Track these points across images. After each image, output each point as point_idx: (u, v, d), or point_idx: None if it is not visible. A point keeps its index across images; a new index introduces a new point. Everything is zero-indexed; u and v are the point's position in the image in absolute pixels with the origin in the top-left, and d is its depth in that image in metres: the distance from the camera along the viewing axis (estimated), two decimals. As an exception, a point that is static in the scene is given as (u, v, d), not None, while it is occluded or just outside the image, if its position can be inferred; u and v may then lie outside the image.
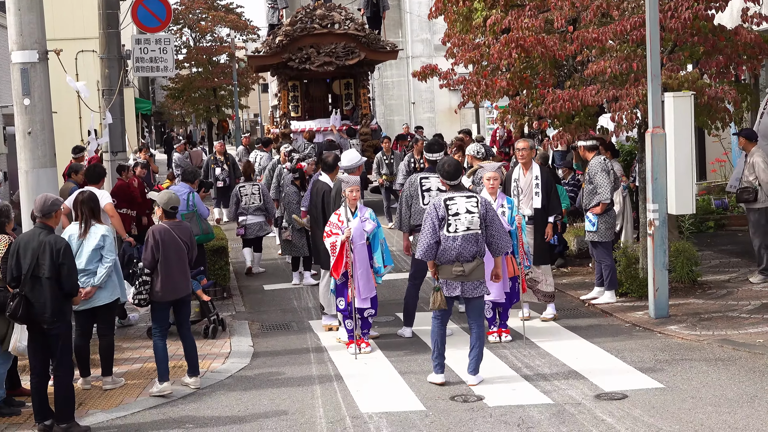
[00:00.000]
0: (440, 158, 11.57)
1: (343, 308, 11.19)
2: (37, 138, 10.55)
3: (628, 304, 12.78)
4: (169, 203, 10.09)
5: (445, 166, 9.86)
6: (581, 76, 13.22)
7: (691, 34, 12.46)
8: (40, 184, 10.46)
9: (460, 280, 9.49)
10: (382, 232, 11.32)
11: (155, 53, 16.72)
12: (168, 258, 9.81)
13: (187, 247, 10.03)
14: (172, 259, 9.85)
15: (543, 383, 9.60)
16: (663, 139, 11.87)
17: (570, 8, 12.99)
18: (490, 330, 11.41)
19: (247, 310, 13.89)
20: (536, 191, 12.28)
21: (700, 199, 18.61)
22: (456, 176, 9.76)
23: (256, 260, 16.96)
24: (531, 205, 12.28)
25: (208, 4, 38.56)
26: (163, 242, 9.82)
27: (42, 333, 8.69)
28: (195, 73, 38.21)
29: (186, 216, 13.39)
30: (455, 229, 9.46)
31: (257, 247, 16.97)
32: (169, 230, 9.91)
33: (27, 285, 8.61)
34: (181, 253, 9.94)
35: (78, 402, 9.36)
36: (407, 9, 43.59)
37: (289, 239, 14.83)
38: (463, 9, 15.07)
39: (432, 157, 11.85)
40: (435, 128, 39.62)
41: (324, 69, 24.29)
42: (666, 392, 9.11)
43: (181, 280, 9.95)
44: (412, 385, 9.76)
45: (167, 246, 9.83)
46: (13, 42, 10.55)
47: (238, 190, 16.84)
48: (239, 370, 10.69)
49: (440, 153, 11.83)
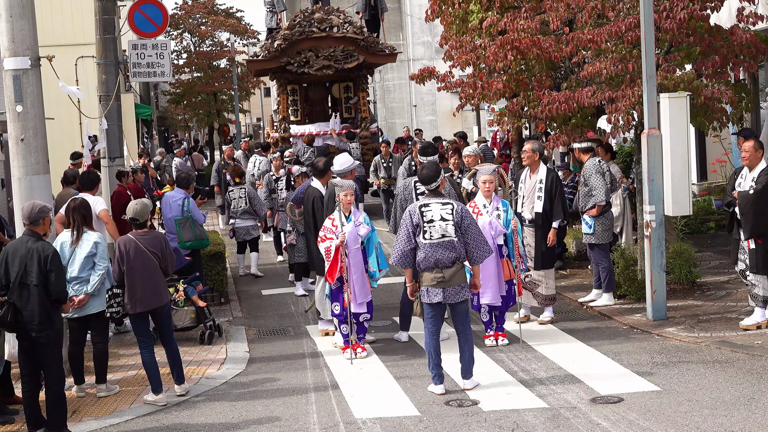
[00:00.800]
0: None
1: (339, 313, 11.14)
2: (30, 145, 10.50)
3: (627, 306, 12.72)
4: (129, 213, 9.96)
5: (423, 171, 9.78)
6: (577, 78, 13.16)
7: (687, 35, 12.40)
8: (33, 191, 10.41)
9: (441, 287, 9.40)
10: (377, 236, 11.27)
11: (152, 58, 16.67)
12: (133, 269, 9.67)
13: (157, 258, 9.76)
14: (138, 271, 9.66)
15: (539, 387, 9.54)
16: (659, 140, 11.81)
17: (565, 9, 12.94)
18: (487, 333, 11.36)
19: (244, 316, 13.85)
20: (539, 195, 12.21)
21: (701, 199, 18.55)
22: (432, 181, 9.66)
23: (254, 261, 17.12)
24: (532, 209, 12.21)
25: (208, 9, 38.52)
26: (127, 254, 9.67)
27: (31, 340, 8.65)
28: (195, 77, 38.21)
29: (179, 222, 13.35)
30: (430, 236, 9.39)
31: (253, 248, 17.14)
32: (135, 241, 9.73)
33: (15, 292, 8.58)
34: (148, 263, 9.70)
35: (71, 410, 9.34)
36: (408, 12, 43.59)
37: (293, 243, 14.76)
38: (459, 11, 15.01)
39: (426, 161, 11.78)
40: (436, 131, 39.62)
41: (323, 72, 24.27)
42: (662, 395, 9.05)
43: (149, 291, 9.74)
44: (407, 390, 9.71)
45: (132, 257, 9.66)
46: (5, 48, 10.51)
47: (227, 194, 17.03)
48: (234, 377, 10.65)
49: (434, 156, 11.76)
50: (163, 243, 9.92)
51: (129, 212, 9.93)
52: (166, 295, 9.98)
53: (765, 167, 10.86)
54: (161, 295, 9.86)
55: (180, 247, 13.30)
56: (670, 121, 11.78)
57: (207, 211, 28.27)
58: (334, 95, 26.67)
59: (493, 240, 11.02)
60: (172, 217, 13.54)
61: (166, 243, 9.98)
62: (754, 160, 10.96)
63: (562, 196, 12.28)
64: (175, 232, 13.42)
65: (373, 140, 25.28)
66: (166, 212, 13.65)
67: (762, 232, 10.78)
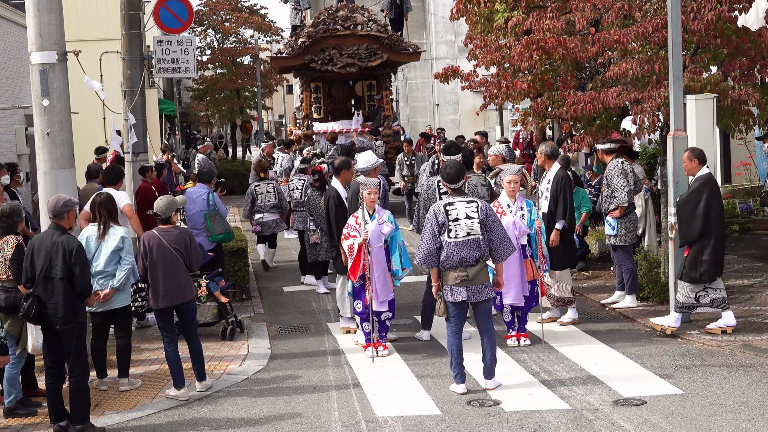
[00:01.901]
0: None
1: (361, 311, 11.14)
2: (56, 139, 10.53)
3: (650, 308, 12.66)
4: (154, 208, 10.01)
5: (446, 169, 9.74)
6: (603, 78, 13.11)
7: (714, 36, 12.32)
8: (58, 185, 10.43)
9: (464, 285, 9.38)
10: (401, 234, 11.25)
11: (177, 54, 16.70)
12: (156, 265, 9.71)
13: (180, 255, 9.76)
14: (160, 267, 9.70)
15: (561, 388, 9.51)
16: (685, 141, 11.74)
17: (592, 10, 12.89)
18: (509, 334, 11.33)
19: (265, 312, 13.86)
20: (546, 195, 12.18)
21: (725, 202, 18.44)
22: (457, 180, 9.64)
23: (270, 256, 17.51)
24: (539, 209, 12.17)
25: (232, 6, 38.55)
26: (150, 249, 9.73)
27: (55, 333, 8.70)
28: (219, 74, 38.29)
29: (209, 215, 13.38)
30: (455, 235, 9.37)
31: (272, 243, 17.40)
32: (158, 237, 9.77)
33: (40, 285, 8.62)
34: (171, 260, 9.71)
35: (94, 403, 9.37)
36: (431, 10, 43.53)
37: (318, 242, 14.76)
38: (485, 10, 14.96)
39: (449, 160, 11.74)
40: (459, 130, 39.54)
41: (346, 70, 24.27)
42: (685, 398, 9.00)
43: (171, 288, 9.75)
44: (428, 389, 9.69)
45: (155, 253, 9.70)
46: (33, 43, 10.54)
47: (253, 189, 17.05)
48: (256, 373, 10.66)
49: (457, 155, 11.72)
50: (187, 239, 9.91)
51: (154, 207, 9.99)
52: (190, 292, 9.96)
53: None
54: (185, 292, 9.85)
55: (211, 241, 13.34)
56: (696, 123, 11.72)
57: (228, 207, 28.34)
58: (357, 93, 26.66)
59: (517, 240, 10.99)
60: (197, 212, 13.55)
61: (191, 239, 9.98)
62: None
63: (566, 198, 12.10)
64: (199, 227, 13.43)
65: (396, 138, 25.27)
66: (190, 208, 13.65)
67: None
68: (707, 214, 11.08)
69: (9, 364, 9.31)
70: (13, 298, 9.07)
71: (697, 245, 11.10)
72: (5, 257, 9.16)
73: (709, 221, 11.10)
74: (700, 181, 11.22)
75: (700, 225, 11.08)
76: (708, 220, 11.09)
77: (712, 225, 11.12)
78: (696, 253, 11.11)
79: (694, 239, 11.11)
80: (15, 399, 9.29)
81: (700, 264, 11.09)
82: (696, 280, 11.14)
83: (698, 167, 11.25)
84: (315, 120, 25.41)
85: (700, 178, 11.23)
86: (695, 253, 11.11)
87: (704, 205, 11.07)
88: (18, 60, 20.46)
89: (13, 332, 9.27)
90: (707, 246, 11.09)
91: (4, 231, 9.28)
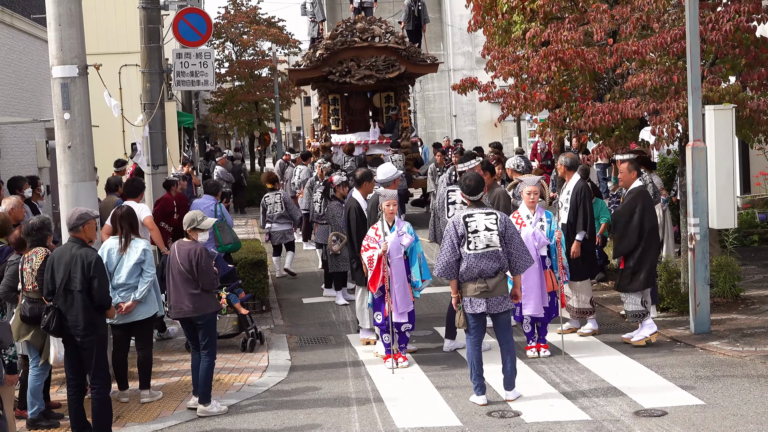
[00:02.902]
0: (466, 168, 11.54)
1: (381, 322, 11.15)
2: (77, 152, 10.61)
3: (669, 319, 12.64)
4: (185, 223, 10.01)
5: (466, 181, 9.73)
6: (621, 89, 13.11)
7: (733, 47, 12.32)
8: (79, 198, 10.51)
9: (484, 297, 9.39)
10: (420, 245, 11.27)
11: (196, 67, 16.81)
12: (168, 276, 9.83)
13: (185, 269, 9.64)
14: (170, 278, 9.79)
15: (581, 399, 9.50)
16: (704, 152, 11.74)
17: (609, 21, 12.90)
18: (529, 345, 11.32)
19: (285, 324, 13.89)
20: (565, 206, 12.18)
21: (744, 212, 18.40)
22: (477, 192, 9.64)
23: (288, 259, 17.81)
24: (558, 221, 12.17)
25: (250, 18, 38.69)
26: (168, 259, 9.94)
27: (75, 345, 8.75)
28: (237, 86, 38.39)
29: (218, 225, 13.36)
30: (475, 246, 9.38)
31: (289, 247, 17.78)
32: (174, 248, 9.86)
33: (60, 298, 8.68)
34: (178, 273, 9.67)
35: (116, 415, 9.41)
36: (448, 22, 43.61)
37: (338, 253, 14.80)
38: (502, 22, 15.00)
39: (463, 168, 11.75)
40: (476, 141, 39.56)
41: (364, 82, 24.31)
42: (707, 409, 8.98)
43: (178, 300, 9.72)
44: (449, 400, 9.70)
45: (171, 264, 9.81)
46: (54, 57, 10.62)
47: (263, 200, 17.55)
48: (276, 384, 10.69)
49: (470, 162, 11.67)
50: (191, 256, 9.65)
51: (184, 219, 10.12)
52: (202, 308, 9.71)
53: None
54: (195, 307, 9.67)
55: (220, 250, 13.37)
56: (716, 134, 11.72)
57: (247, 220, 28.43)
58: (375, 105, 26.71)
59: (537, 251, 10.99)
60: None
61: (200, 257, 9.68)
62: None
63: (585, 208, 12.11)
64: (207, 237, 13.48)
65: (414, 150, 25.29)
66: None
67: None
68: (641, 226, 11.48)
69: (32, 375, 9.38)
70: (38, 309, 9.14)
71: (633, 256, 11.47)
72: (33, 268, 9.24)
73: (643, 232, 11.48)
74: (633, 193, 11.64)
75: (636, 236, 11.45)
76: (642, 232, 11.48)
77: (646, 236, 11.49)
78: (632, 264, 11.45)
79: (630, 250, 11.44)
80: (38, 411, 9.35)
81: (637, 274, 11.43)
82: (634, 290, 11.50)
83: (633, 179, 11.70)
84: (333, 132, 25.47)
85: (633, 191, 11.65)
86: (632, 264, 11.46)
87: (638, 216, 11.48)
88: (38, 74, 20.62)
89: (36, 343, 9.34)
90: (643, 257, 11.49)
91: (34, 244, 9.36)
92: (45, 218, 9.69)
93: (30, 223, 9.44)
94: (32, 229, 9.37)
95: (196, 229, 9.74)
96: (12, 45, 19.13)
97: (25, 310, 9.28)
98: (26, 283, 9.27)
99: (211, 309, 9.84)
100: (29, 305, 9.26)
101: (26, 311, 9.27)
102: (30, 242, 9.40)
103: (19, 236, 9.60)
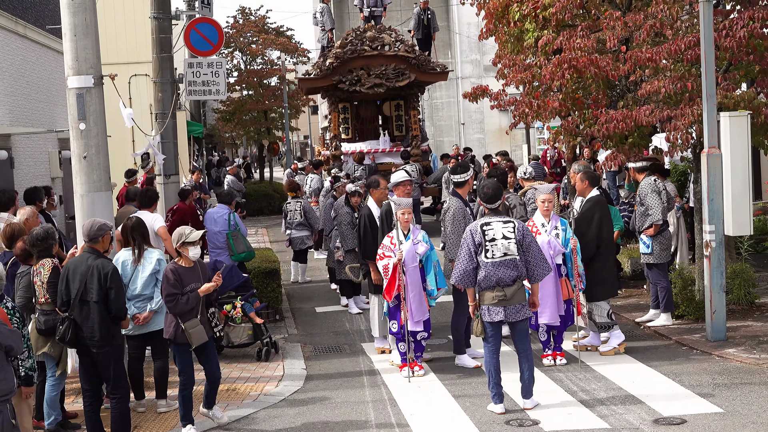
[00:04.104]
0: (461, 179, 11.49)
1: (396, 331, 11.13)
2: (93, 162, 10.62)
3: (685, 326, 12.60)
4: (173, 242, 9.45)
5: (484, 189, 9.74)
6: (634, 96, 13.10)
7: (747, 53, 12.30)
8: (95, 208, 10.52)
9: (502, 305, 9.39)
10: (436, 254, 11.25)
11: (207, 77, 16.86)
12: None
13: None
14: None
15: (599, 407, 9.47)
16: (719, 159, 11.72)
17: (623, 28, 12.89)
18: (545, 353, 11.30)
19: (299, 333, 13.88)
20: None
21: (756, 219, 18.35)
22: (495, 200, 9.65)
23: (301, 271, 18.46)
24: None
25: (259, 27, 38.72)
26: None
27: (91, 356, 8.75)
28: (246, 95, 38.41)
29: (232, 234, 13.59)
30: (492, 255, 9.39)
31: (302, 259, 18.46)
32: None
33: (75, 309, 8.68)
34: None
35: (133, 425, 9.40)
36: (456, 30, 43.64)
37: (341, 260, 14.83)
38: (515, 30, 14.99)
39: (456, 179, 11.68)
40: (485, 149, 39.57)
41: (374, 91, 24.32)
42: (726, 417, 8.95)
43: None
44: (466, 408, 9.68)
45: None
46: (69, 67, 10.64)
47: (285, 206, 18.34)
48: (292, 394, 10.68)
49: (465, 174, 11.62)
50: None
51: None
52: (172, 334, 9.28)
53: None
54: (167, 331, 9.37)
55: (234, 259, 13.45)
56: (731, 140, 11.70)
57: (257, 229, 28.46)
58: (385, 113, 26.72)
59: (552, 259, 10.97)
60: (219, 231, 13.76)
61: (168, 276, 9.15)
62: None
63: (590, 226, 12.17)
64: (221, 246, 13.63)
65: (424, 158, 25.30)
66: (212, 228, 13.76)
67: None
68: (599, 234, 11.56)
69: (49, 385, 9.38)
70: (52, 320, 9.15)
71: (594, 265, 11.50)
72: (42, 281, 9.24)
73: (602, 241, 11.57)
74: (591, 202, 11.71)
75: (594, 245, 11.52)
76: (600, 240, 11.56)
77: (604, 244, 11.59)
78: (594, 273, 11.47)
79: (589, 258, 11.47)
80: (55, 421, 9.34)
81: (599, 284, 11.50)
82: (598, 299, 11.55)
83: (589, 189, 11.79)
84: (343, 140, 25.48)
85: (591, 200, 11.73)
86: (594, 273, 11.47)
87: (596, 225, 11.54)
88: (51, 84, 20.66)
89: (54, 354, 9.35)
90: (603, 264, 11.58)
91: (40, 254, 9.34)
92: (48, 227, 9.66)
93: (34, 234, 9.38)
94: (37, 240, 9.34)
95: (185, 244, 9.30)
96: (25, 56, 19.17)
97: (40, 323, 9.29)
98: (38, 296, 9.27)
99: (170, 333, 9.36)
100: (43, 318, 9.27)
101: (41, 324, 9.28)
102: (36, 253, 9.37)
103: (24, 248, 9.58)
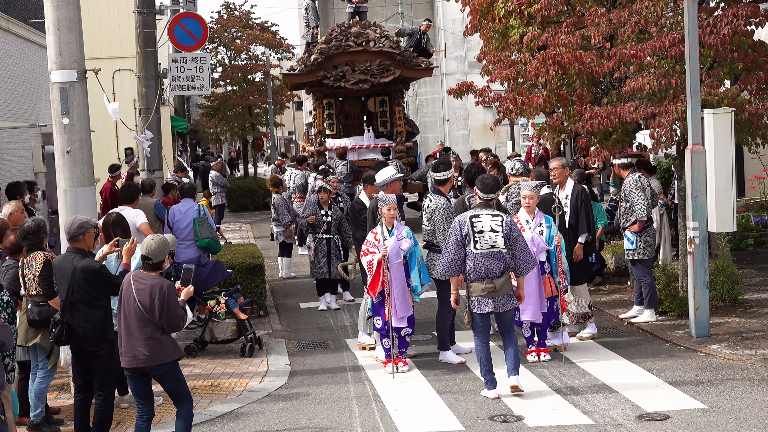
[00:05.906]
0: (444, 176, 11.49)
1: (380, 327, 11.13)
2: (76, 157, 10.58)
3: (668, 322, 12.64)
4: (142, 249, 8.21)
5: (484, 179, 9.96)
6: (619, 93, 13.12)
7: (731, 50, 12.32)
8: (78, 203, 10.48)
9: (491, 296, 9.60)
10: (420, 250, 11.25)
11: (192, 72, 16.84)
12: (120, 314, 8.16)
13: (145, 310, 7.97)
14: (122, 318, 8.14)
15: (583, 403, 9.49)
16: (703, 156, 11.76)
17: (607, 25, 12.89)
18: (529, 349, 11.31)
19: (283, 329, 13.86)
20: (565, 210, 12.19)
21: (739, 216, 18.39)
22: (493, 190, 9.90)
23: (285, 266, 18.53)
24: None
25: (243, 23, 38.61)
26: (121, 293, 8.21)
27: (85, 354, 8.71)
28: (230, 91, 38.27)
29: (198, 220, 12.96)
30: (480, 246, 9.57)
31: (287, 254, 18.62)
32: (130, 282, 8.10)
33: (67, 311, 8.62)
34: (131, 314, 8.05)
35: (116, 421, 9.38)
36: (441, 26, 43.62)
37: (312, 260, 14.86)
38: (500, 26, 14.97)
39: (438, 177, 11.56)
40: (469, 145, 39.57)
41: (359, 87, 24.31)
42: (709, 413, 8.98)
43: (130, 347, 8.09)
44: (450, 404, 9.68)
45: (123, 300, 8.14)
46: (53, 62, 10.59)
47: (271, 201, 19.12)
48: (276, 389, 10.65)
49: (447, 172, 11.60)
50: (157, 295, 7.94)
51: (143, 248, 8.19)
52: (162, 355, 8.08)
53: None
54: (151, 355, 8.02)
55: (198, 245, 12.92)
56: (715, 137, 11.73)
57: (241, 225, 28.40)
58: (370, 109, 26.70)
59: (535, 256, 10.97)
60: (187, 226, 13.07)
61: (167, 295, 7.98)
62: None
63: (587, 210, 12.31)
64: (188, 239, 12.98)
65: (409, 154, 25.30)
66: (181, 220, 13.13)
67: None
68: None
69: (39, 377, 9.36)
70: (46, 311, 9.13)
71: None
72: (34, 273, 9.21)
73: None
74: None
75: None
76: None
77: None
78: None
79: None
80: (41, 414, 9.32)
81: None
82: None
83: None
84: (327, 136, 25.45)
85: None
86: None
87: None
88: (34, 79, 20.57)
89: (45, 345, 9.31)
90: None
91: (30, 247, 9.31)
92: (40, 221, 9.63)
93: (25, 227, 9.36)
94: (28, 233, 9.30)
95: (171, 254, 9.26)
96: (8, 50, 19.08)
97: (33, 314, 9.26)
98: (30, 289, 9.24)
99: (168, 357, 8.16)
100: (36, 308, 9.25)
101: (35, 315, 9.25)
102: (27, 246, 9.34)
103: (15, 241, 9.54)
